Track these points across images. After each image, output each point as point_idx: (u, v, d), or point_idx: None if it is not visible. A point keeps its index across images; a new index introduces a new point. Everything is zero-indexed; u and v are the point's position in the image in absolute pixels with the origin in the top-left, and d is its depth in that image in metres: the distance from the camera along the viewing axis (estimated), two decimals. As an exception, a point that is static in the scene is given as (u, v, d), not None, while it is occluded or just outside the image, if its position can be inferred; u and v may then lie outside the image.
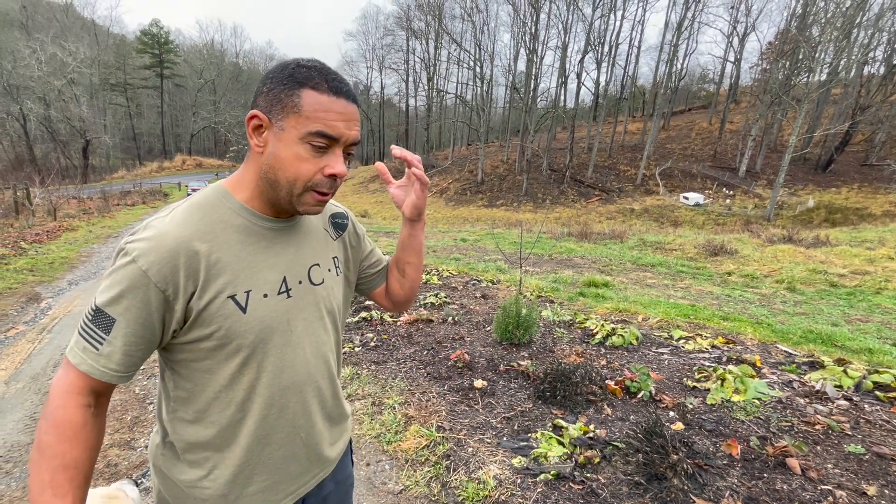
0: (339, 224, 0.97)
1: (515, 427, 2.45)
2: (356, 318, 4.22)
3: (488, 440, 2.34)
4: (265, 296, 0.77)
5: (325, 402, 0.90)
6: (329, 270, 0.90)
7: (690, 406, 2.60)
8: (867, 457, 2.11)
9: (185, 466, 0.80)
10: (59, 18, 45.17)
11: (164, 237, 0.69)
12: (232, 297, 0.73)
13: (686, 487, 1.87)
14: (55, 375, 0.71)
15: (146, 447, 2.44)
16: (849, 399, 2.66)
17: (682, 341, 3.69)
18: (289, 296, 0.80)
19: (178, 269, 0.69)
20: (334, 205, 0.99)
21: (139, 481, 2.09)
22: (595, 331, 3.83)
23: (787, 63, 32.33)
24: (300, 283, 0.83)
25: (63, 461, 0.66)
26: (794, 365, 3.19)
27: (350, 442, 1.07)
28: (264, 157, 0.74)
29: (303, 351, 0.83)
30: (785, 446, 2.12)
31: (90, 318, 0.69)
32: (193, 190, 26.39)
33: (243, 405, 0.78)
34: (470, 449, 2.28)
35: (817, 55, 27.01)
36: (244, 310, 0.74)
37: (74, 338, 0.70)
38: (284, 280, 0.80)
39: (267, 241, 0.79)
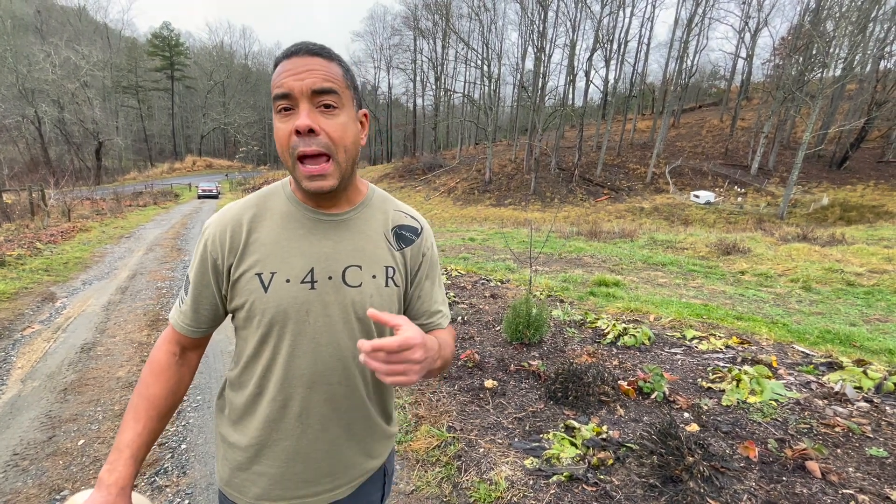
0: (403, 237, 0.89)
1: (527, 428, 2.43)
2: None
3: (500, 441, 2.32)
4: (287, 280, 0.78)
5: (340, 410, 0.84)
6: (374, 277, 0.83)
7: (705, 407, 2.56)
8: (890, 460, 2.05)
9: (225, 420, 0.88)
10: (73, 22, 45.89)
11: (223, 215, 0.82)
12: (258, 274, 0.79)
13: (702, 490, 1.83)
14: None
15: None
16: (869, 401, 2.60)
17: (696, 341, 3.64)
18: (313, 287, 0.79)
19: (224, 243, 0.80)
20: (411, 217, 0.92)
21: None
22: (606, 331, 3.79)
23: (801, 58, 31.75)
24: (330, 278, 0.80)
25: (147, 392, 0.81)
26: (812, 366, 3.13)
27: (385, 471, 0.98)
28: None
29: (317, 346, 0.80)
30: (804, 449, 2.07)
31: (184, 281, 0.85)
32: (204, 191, 26.35)
33: (261, 381, 0.82)
34: (481, 449, 2.26)
35: (831, 50, 26.49)
36: (266, 289, 0.78)
37: None
38: (311, 271, 0.79)
39: (305, 230, 0.81)
